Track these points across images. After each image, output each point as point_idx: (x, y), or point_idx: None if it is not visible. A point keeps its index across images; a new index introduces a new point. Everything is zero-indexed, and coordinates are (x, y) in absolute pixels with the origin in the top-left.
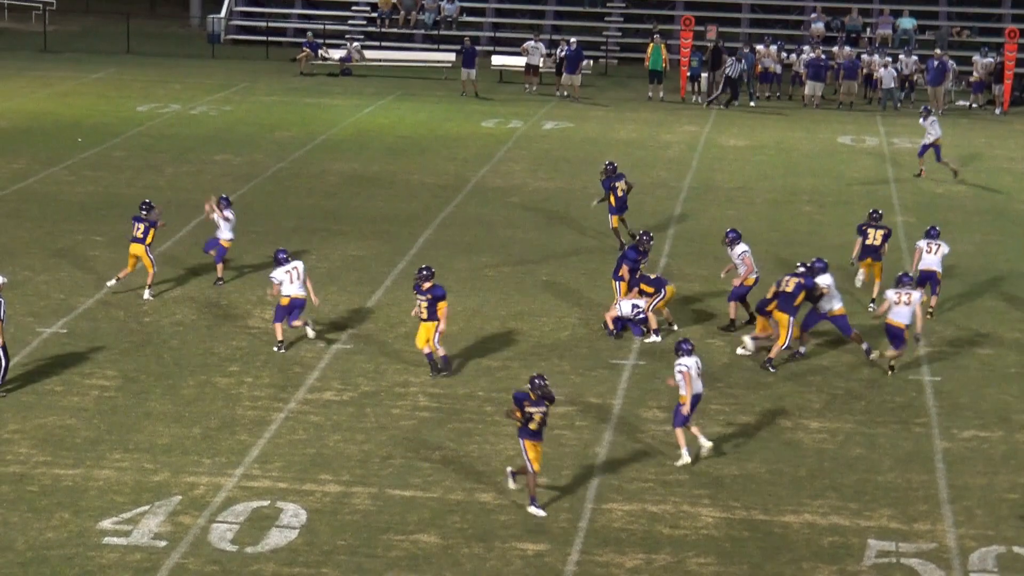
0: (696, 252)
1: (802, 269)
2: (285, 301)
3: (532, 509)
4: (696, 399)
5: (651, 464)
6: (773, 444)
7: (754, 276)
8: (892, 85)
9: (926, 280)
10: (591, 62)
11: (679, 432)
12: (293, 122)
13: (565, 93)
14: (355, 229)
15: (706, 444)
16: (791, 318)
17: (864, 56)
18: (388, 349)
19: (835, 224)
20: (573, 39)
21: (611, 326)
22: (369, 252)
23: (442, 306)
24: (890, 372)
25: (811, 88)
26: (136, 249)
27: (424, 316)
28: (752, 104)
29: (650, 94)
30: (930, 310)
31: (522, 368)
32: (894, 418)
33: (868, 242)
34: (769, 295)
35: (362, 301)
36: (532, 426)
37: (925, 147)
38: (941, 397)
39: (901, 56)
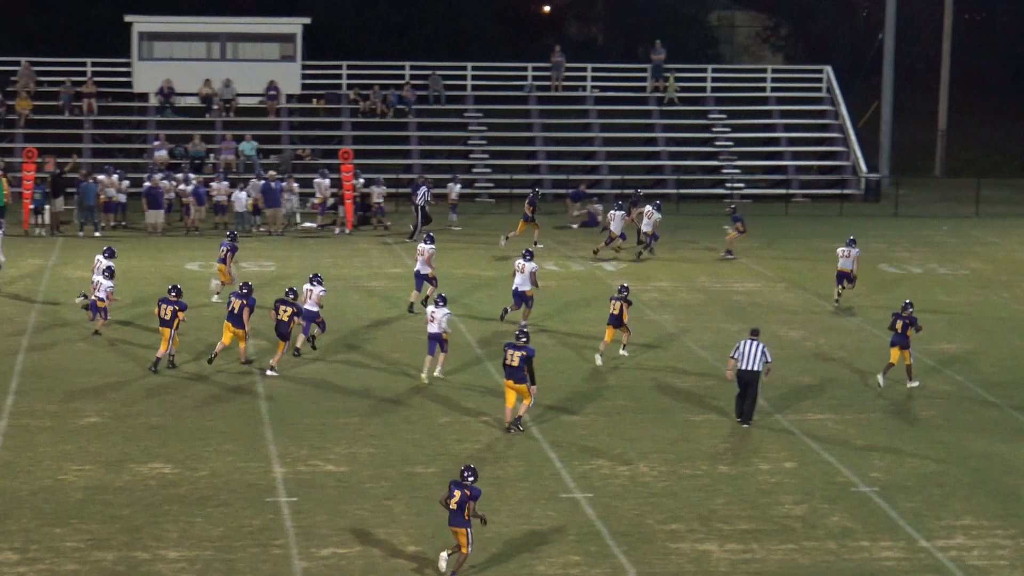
0: (46, 388)
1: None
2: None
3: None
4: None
5: None
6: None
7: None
8: (244, 209)
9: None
10: None
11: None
12: None
13: None
14: None
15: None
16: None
17: (213, 184)
18: None
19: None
20: None
21: None
22: None
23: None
24: (837, 301)
25: (153, 216)
26: None
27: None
28: (97, 234)
29: None
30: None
31: None
32: (253, 541)
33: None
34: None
35: None
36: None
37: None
38: (299, 517)
39: (253, 180)
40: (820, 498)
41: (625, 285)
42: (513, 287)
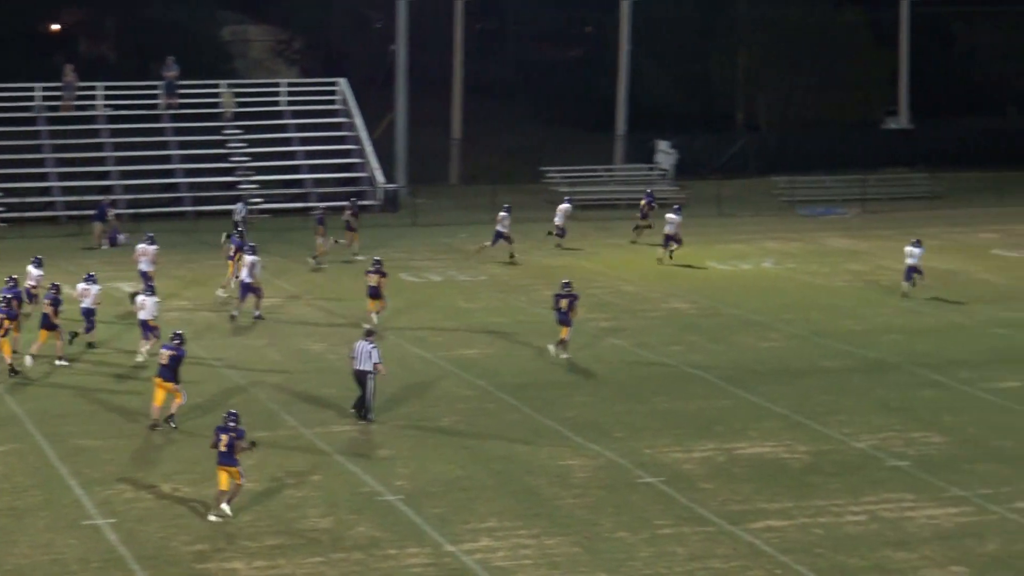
0: None
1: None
2: None
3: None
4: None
5: None
6: None
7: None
8: None
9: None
10: None
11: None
12: None
13: None
14: None
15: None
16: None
17: None
18: None
19: None
20: None
21: None
22: None
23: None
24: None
25: None
26: None
27: None
28: None
29: None
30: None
31: None
32: None
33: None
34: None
35: None
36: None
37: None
38: None
39: None
40: (346, 509)
41: (378, 259)
42: (240, 278)
